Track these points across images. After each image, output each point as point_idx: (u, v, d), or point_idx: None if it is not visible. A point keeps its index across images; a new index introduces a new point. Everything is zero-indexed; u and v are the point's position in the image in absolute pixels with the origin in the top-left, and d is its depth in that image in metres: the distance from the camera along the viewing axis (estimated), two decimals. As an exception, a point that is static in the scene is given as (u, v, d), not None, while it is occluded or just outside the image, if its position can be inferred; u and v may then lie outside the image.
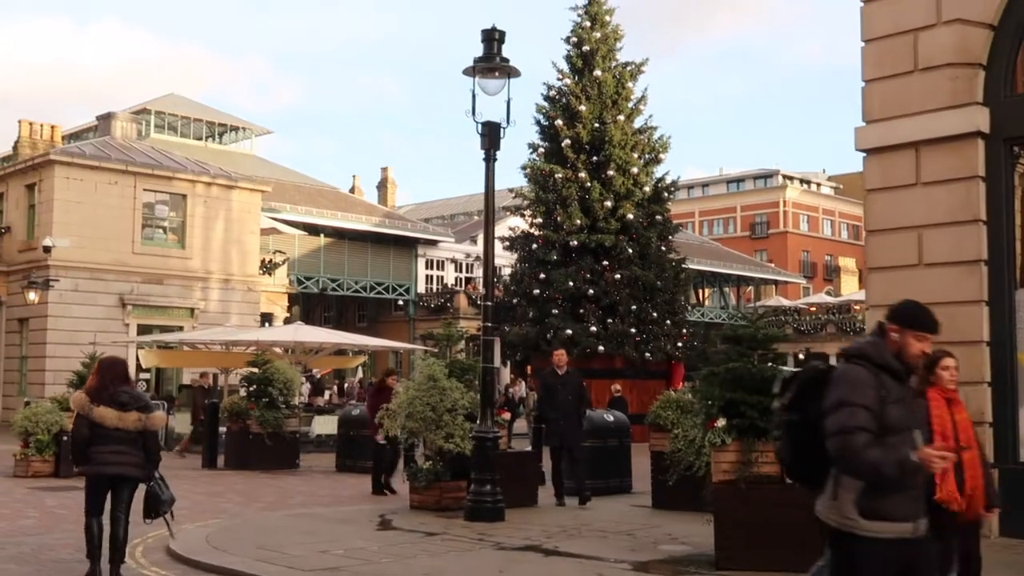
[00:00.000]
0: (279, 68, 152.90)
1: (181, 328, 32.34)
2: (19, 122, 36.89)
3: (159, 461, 8.66)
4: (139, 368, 30.74)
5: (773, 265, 69.60)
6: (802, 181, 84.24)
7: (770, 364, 9.35)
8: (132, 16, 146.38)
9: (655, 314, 30.56)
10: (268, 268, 37.84)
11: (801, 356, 49.84)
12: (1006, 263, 10.97)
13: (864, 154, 12.18)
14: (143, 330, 32.15)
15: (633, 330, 29.83)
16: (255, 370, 20.72)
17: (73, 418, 8.68)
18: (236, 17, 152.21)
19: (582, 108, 31.50)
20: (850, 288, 67.41)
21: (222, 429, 20.29)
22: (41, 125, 36.91)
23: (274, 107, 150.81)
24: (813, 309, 60.26)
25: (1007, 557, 8.98)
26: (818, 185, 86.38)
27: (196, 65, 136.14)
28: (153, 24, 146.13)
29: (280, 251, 39.81)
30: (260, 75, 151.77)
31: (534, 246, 31.78)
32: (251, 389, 20.16)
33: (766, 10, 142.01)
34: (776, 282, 67.11)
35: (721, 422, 8.88)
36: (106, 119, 36.99)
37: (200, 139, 47.46)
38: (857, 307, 51.09)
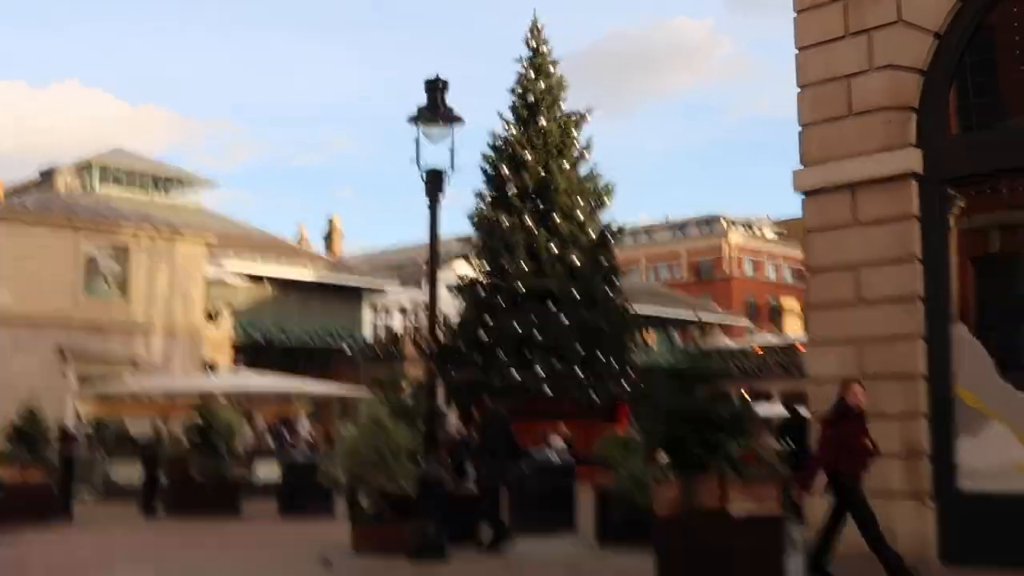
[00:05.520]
0: (237, 128, 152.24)
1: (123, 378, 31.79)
2: (-39, 180, 36.41)
3: None
4: (79, 419, 30.15)
5: (718, 308, 70.22)
6: (746, 226, 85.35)
7: (711, 399, 9.41)
8: (93, 78, 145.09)
9: (602, 357, 30.71)
10: (213, 318, 37.43)
11: (746, 396, 50.15)
12: (942, 299, 11.19)
13: (803, 196, 12.42)
14: (84, 381, 31.54)
15: (580, 373, 29.93)
16: (197, 418, 20.43)
17: None
18: (195, 80, 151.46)
19: (527, 156, 31.83)
20: (793, 329, 68.12)
21: (162, 478, 19.98)
22: (-18, 182, 36.44)
23: (229, 165, 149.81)
24: (757, 349, 60.78)
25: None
26: (761, 230, 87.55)
27: (153, 125, 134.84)
28: (113, 86, 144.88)
29: (225, 301, 39.42)
30: (217, 135, 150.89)
31: (481, 292, 31.86)
32: (193, 436, 19.89)
33: (718, 67, 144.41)
34: (722, 325, 67.66)
35: (664, 457, 8.89)
36: (49, 174, 36.60)
37: (145, 192, 47.02)
38: (800, 347, 51.63)
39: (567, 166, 32.39)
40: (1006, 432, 10.19)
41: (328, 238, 62.49)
